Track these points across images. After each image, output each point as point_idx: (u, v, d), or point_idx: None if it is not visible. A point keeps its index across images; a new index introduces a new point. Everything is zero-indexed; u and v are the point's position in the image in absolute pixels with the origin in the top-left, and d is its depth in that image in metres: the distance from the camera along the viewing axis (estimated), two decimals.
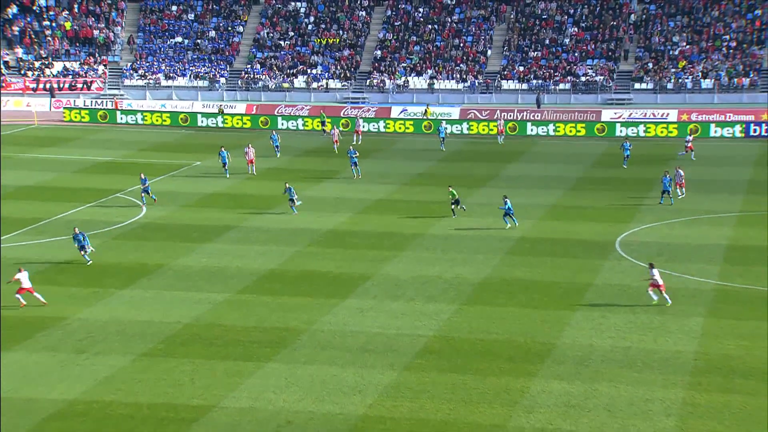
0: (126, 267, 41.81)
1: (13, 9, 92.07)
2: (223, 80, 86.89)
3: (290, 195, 49.59)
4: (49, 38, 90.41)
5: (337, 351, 32.92)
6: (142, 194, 51.62)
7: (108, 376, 30.89)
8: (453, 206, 48.79)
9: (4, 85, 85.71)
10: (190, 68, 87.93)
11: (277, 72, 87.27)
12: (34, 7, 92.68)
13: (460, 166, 63.08)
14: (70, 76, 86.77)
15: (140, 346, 33.21)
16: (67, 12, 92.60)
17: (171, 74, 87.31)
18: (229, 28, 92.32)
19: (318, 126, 73.94)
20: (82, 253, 41.84)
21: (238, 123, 77.00)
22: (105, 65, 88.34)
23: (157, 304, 37.48)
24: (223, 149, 59.67)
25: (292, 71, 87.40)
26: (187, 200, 53.40)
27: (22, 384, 30.46)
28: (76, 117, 78.61)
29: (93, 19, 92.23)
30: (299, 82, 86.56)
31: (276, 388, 30.07)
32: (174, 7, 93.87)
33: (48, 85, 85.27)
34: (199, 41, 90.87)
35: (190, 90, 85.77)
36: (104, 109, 79.53)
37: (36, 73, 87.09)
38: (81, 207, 51.71)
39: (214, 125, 77.02)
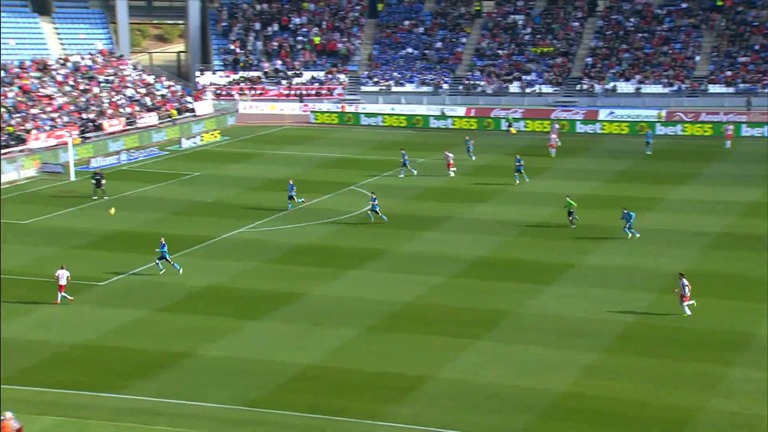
0: (356, 250, 42.71)
1: (274, 27, 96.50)
2: (446, 86, 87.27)
3: (373, 206, 46.80)
4: (301, 51, 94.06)
5: (540, 332, 32.30)
6: (294, 200, 49.50)
7: (339, 346, 31.66)
8: (569, 217, 44.96)
9: (263, 92, 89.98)
10: (418, 76, 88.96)
11: (494, 78, 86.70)
12: (290, 25, 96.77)
13: (663, 165, 60.29)
14: (316, 84, 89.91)
15: (367, 321, 33.85)
16: (317, 28, 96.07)
17: (401, 81, 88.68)
18: (454, 40, 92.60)
19: (515, 128, 73.32)
20: (157, 261, 38.78)
21: (465, 125, 77.35)
22: (345, 74, 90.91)
23: (382, 284, 38.08)
24: (402, 150, 59.51)
25: (508, 77, 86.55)
26: (410, 193, 53.97)
27: (270, 349, 31.67)
28: (326, 119, 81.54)
29: (338, 34, 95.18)
30: (514, 87, 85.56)
31: (484, 363, 29.87)
32: (406, 22, 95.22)
33: (298, 92, 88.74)
34: (426, 51, 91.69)
35: (417, 95, 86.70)
36: (349, 112, 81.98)
37: (288, 81, 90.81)
38: (321, 197, 53.33)
39: (444, 127, 77.65)
